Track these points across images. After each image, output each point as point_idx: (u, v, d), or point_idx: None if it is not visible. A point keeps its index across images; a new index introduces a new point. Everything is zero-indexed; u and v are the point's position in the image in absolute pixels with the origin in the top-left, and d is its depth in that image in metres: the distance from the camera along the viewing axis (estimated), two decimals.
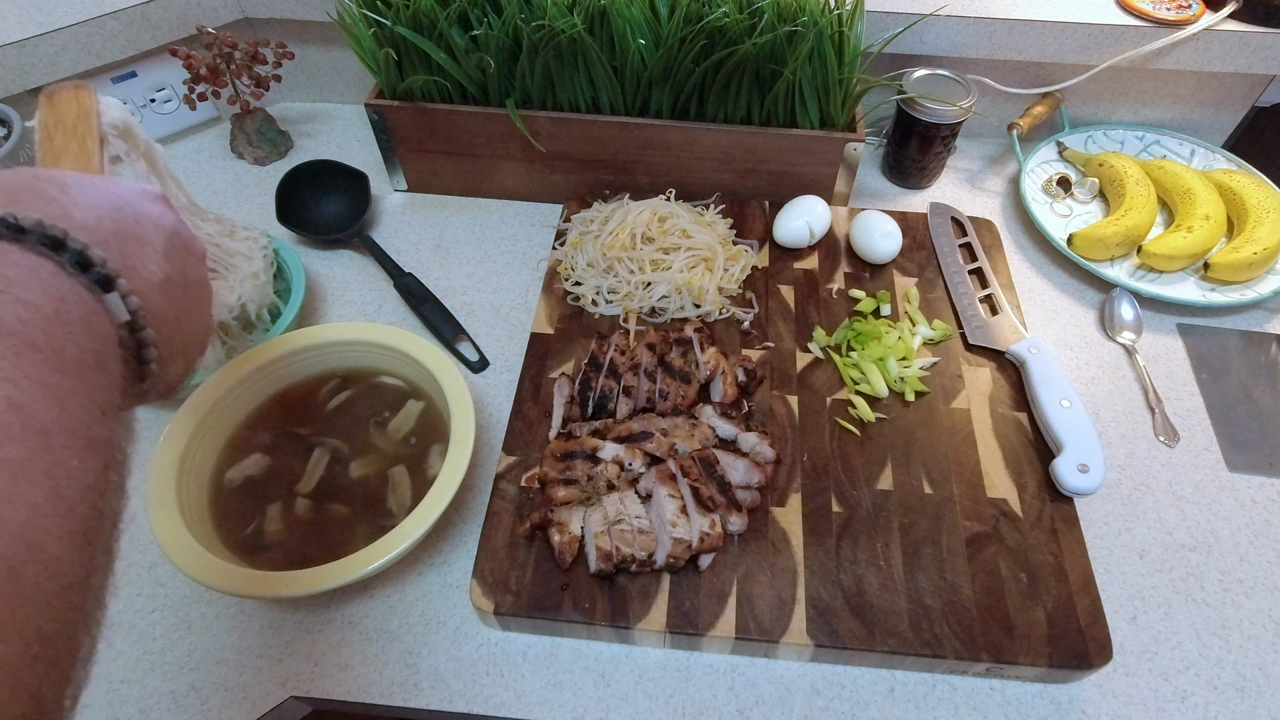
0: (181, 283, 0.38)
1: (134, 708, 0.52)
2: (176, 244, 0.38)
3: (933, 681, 0.54)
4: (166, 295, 0.36)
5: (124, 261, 0.33)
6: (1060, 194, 0.86)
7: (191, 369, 0.40)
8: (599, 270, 0.73)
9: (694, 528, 0.55)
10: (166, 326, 0.35)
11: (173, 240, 0.38)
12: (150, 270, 0.35)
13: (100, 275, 0.30)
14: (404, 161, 0.85)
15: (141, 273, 0.34)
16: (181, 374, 0.39)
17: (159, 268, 0.35)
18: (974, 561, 0.57)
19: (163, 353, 0.35)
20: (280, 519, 0.57)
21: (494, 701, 0.53)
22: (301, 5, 0.87)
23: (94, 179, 0.36)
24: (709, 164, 0.81)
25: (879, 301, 0.73)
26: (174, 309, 0.37)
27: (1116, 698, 0.54)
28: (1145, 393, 0.71)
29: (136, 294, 0.32)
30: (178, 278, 0.37)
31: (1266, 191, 0.82)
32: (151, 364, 0.34)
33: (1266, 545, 0.61)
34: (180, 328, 0.37)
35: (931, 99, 0.81)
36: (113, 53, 0.82)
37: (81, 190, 0.33)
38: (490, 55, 0.73)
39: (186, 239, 0.40)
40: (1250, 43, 0.83)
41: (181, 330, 0.37)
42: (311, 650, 0.55)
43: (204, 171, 0.91)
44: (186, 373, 0.40)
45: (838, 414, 0.65)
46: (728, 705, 0.53)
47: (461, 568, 0.59)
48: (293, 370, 0.63)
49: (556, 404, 0.64)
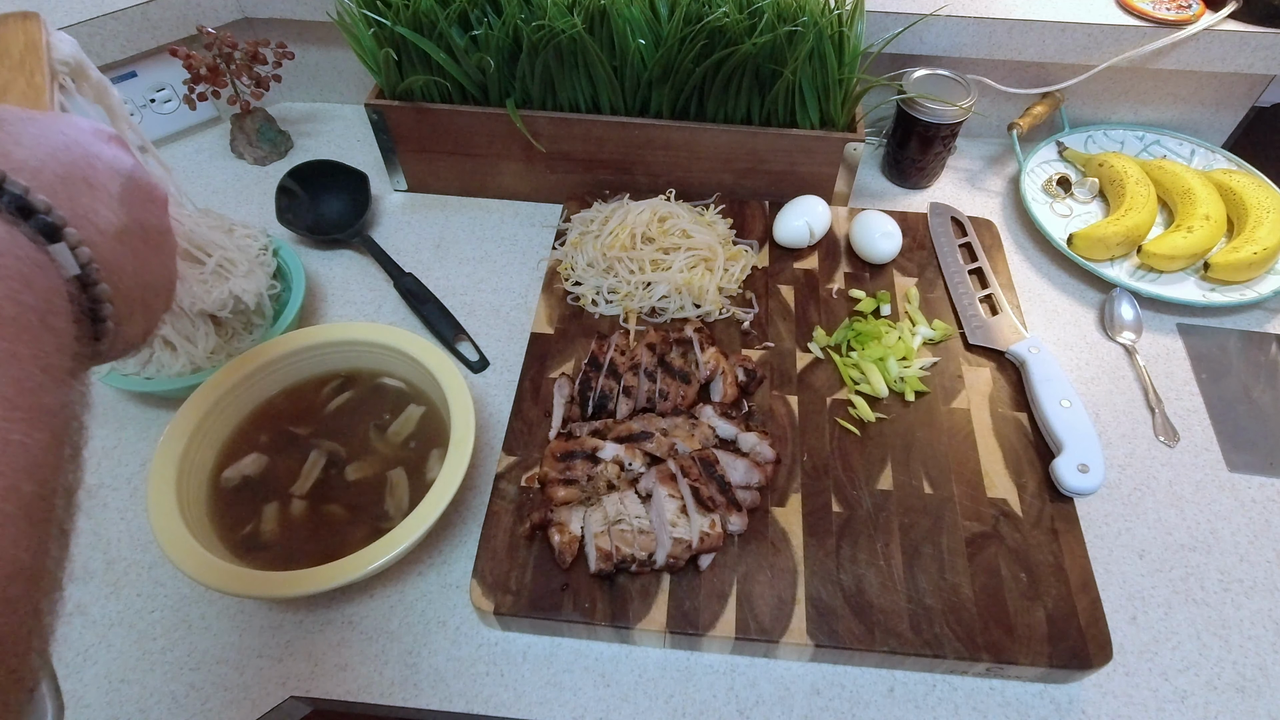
0: (140, 231, 0.34)
1: (134, 708, 0.52)
2: (134, 189, 0.35)
3: (933, 681, 0.54)
4: (123, 245, 0.32)
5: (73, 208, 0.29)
6: (1060, 194, 0.86)
7: (154, 326, 0.37)
8: (599, 270, 0.73)
9: (694, 528, 0.55)
10: (124, 280, 0.32)
11: (129, 185, 0.34)
12: (104, 218, 0.31)
13: (45, 223, 0.27)
14: (404, 161, 0.85)
15: (94, 220, 0.31)
16: (143, 332, 0.36)
17: (114, 215, 0.32)
18: (974, 561, 0.57)
19: (120, 309, 0.32)
20: (277, 519, 0.57)
21: (494, 701, 0.53)
22: (301, 5, 0.87)
23: (39, 115, 0.32)
24: (709, 164, 0.81)
25: (879, 301, 0.73)
26: (132, 260, 0.33)
27: (1116, 698, 0.54)
28: (1145, 393, 0.71)
29: (88, 244, 0.29)
30: (135, 226, 0.34)
31: (1266, 191, 0.82)
32: (107, 321, 0.31)
33: (1266, 545, 0.61)
34: (140, 281, 0.34)
35: (931, 99, 0.81)
36: (113, 53, 0.82)
37: (24, 127, 0.30)
38: (490, 55, 0.73)
39: (145, 184, 0.36)
40: (1250, 43, 0.83)
41: (141, 284, 0.34)
42: (311, 650, 0.55)
43: (204, 171, 0.91)
44: (149, 330, 0.36)
45: (838, 414, 0.65)
46: (728, 705, 0.53)
47: (461, 568, 0.59)
48: (293, 370, 0.63)
49: (556, 404, 0.64)
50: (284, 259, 0.72)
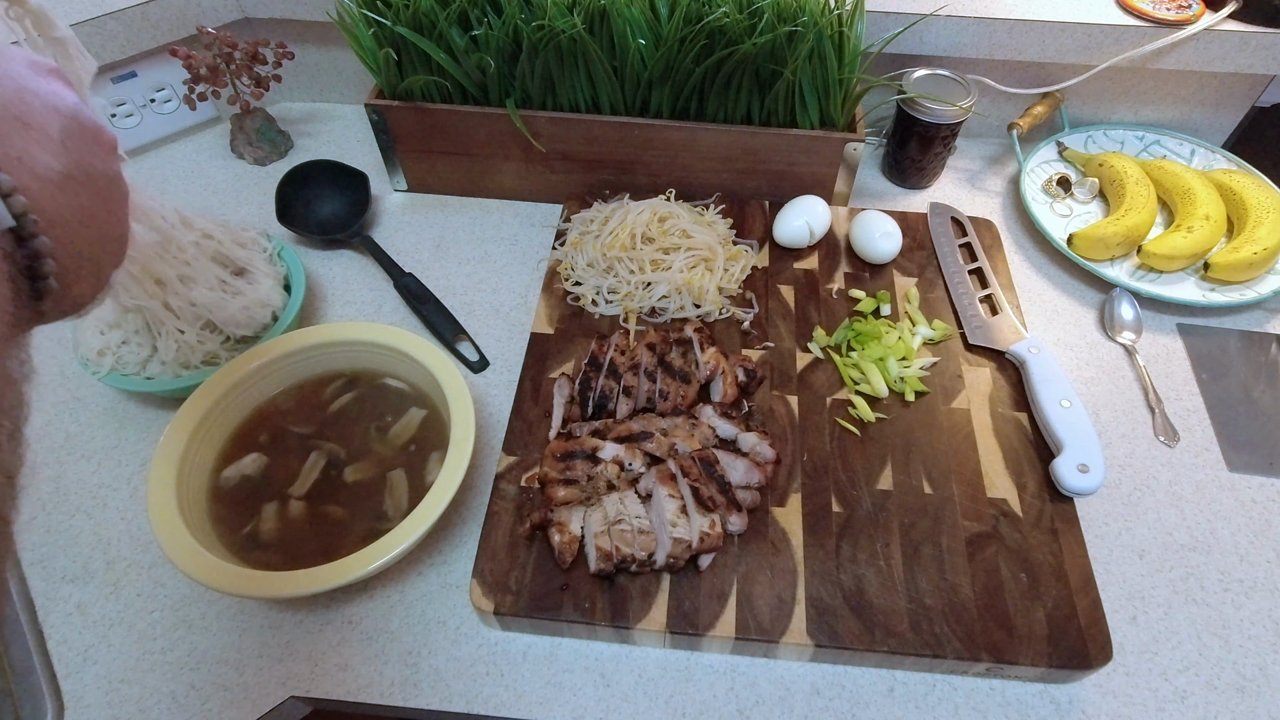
0: (85, 178, 0.31)
1: (134, 707, 0.52)
2: (77, 130, 0.31)
3: (933, 681, 0.54)
4: (66, 193, 0.29)
5: (4, 150, 0.27)
6: (1060, 194, 0.86)
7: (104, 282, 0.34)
8: (599, 270, 0.73)
9: (694, 528, 0.55)
10: (68, 233, 0.29)
11: (72, 125, 0.31)
12: (43, 162, 0.28)
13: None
14: (404, 161, 0.85)
15: (31, 165, 0.28)
16: (92, 290, 0.33)
17: (55, 159, 0.29)
18: (974, 561, 0.57)
19: (64, 264, 0.29)
20: (276, 519, 0.57)
21: (494, 701, 0.53)
22: (301, 5, 0.87)
23: None
24: (709, 164, 0.81)
25: (879, 301, 0.73)
26: (77, 211, 0.30)
27: (1116, 698, 0.54)
28: (1145, 393, 0.71)
29: (24, 192, 0.27)
30: (79, 173, 0.30)
31: (1266, 191, 0.82)
32: (49, 279, 0.28)
33: (1266, 545, 0.61)
34: (86, 234, 0.31)
35: (931, 99, 0.81)
36: (113, 53, 0.82)
37: None
38: (490, 55, 0.73)
39: (91, 125, 0.32)
40: (1250, 43, 0.83)
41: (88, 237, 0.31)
42: (311, 650, 0.55)
43: (204, 171, 0.91)
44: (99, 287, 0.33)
45: (838, 414, 0.65)
46: (728, 705, 0.53)
47: (461, 568, 0.59)
48: (293, 370, 0.63)
49: (556, 404, 0.64)
50: (284, 259, 0.72)
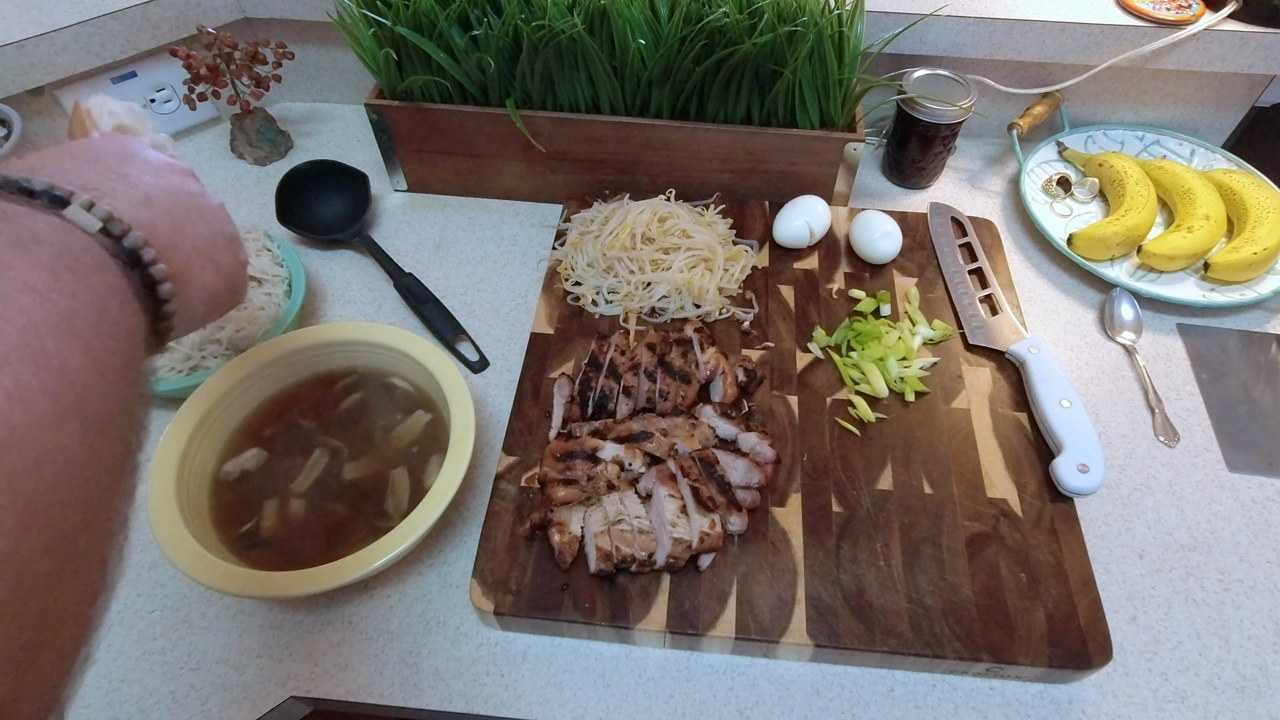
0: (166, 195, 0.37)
1: (134, 707, 0.52)
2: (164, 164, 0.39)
3: (933, 681, 0.54)
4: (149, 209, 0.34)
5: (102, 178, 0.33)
6: (1060, 194, 0.86)
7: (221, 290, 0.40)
8: (599, 270, 0.73)
9: (694, 528, 0.55)
10: (165, 240, 0.34)
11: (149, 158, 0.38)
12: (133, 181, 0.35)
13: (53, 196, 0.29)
14: (404, 161, 0.85)
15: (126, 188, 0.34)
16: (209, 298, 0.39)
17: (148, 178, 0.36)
18: (974, 561, 0.57)
19: (173, 267, 0.34)
20: (276, 517, 0.57)
21: (494, 701, 0.53)
22: (301, 5, 0.87)
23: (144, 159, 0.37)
24: (709, 164, 0.80)
25: (879, 301, 0.73)
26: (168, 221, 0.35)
27: (1116, 698, 0.54)
28: (1145, 393, 0.71)
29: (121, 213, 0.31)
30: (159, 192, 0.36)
31: (1266, 191, 0.82)
32: (165, 283, 0.32)
33: (1266, 545, 0.61)
34: (185, 242, 0.36)
35: (931, 99, 0.81)
36: (113, 53, 0.82)
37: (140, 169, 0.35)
38: (490, 55, 0.73)
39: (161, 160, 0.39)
40: (1250, 43, 0.83)
41: (188, 245, 0.37)
42: (311, 650, 0.55)
43: (204, 171, 0.91)
44: (216, 297, 0.39)
45: (838, 414, 0.65)
46: (728, 705, 0.53)
47: (461, 568, 0.59)
48: (293, 370, 0.63)
49: (556, 404, 0.64)
50: (284, 259, 0.72)
